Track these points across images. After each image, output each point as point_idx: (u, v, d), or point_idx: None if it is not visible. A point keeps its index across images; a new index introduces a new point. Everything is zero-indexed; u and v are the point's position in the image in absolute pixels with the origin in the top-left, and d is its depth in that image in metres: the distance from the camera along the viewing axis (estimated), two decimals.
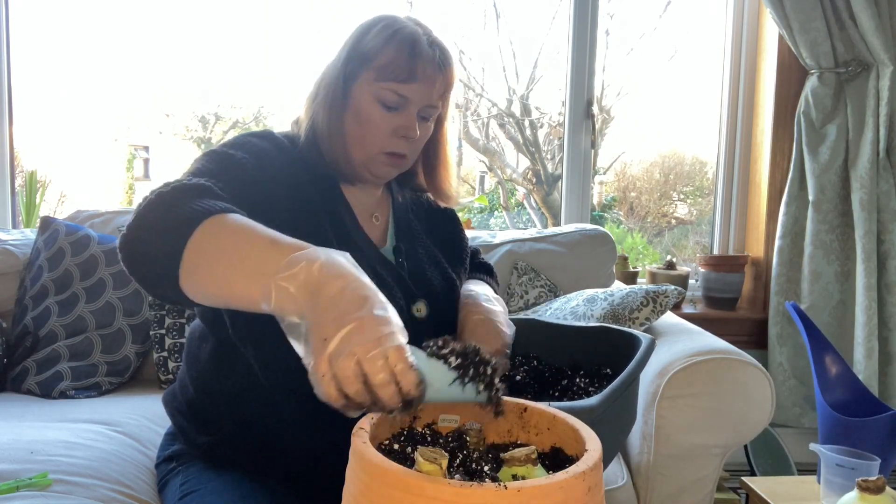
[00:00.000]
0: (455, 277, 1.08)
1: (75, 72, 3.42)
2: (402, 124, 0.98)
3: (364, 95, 0.97)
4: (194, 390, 1.01)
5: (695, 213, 3.88)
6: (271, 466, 0.95)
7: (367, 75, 0.97)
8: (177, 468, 1.02)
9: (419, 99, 0.98)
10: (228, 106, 3.91)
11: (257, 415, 0.94)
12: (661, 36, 3.22)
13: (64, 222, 1.82)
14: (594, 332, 1.04)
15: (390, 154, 1.00)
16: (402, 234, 1.09)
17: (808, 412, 2.11)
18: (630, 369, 0.87)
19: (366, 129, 0.98)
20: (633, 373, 0.87)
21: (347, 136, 0.99)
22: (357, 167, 1.01)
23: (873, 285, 1.98)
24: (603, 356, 0.99)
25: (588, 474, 0.58)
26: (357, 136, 0.98)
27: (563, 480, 0.56)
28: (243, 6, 3.63)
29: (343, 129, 0.99)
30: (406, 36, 0.96)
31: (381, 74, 0.96)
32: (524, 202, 3.70)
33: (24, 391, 1.61)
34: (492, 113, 3.54)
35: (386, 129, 0.98)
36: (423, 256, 1.08)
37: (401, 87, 0.96)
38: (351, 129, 0.98)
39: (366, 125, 0.98)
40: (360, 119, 0.98)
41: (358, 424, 0.64)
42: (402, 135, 0.99)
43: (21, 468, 1.04)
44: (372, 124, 0.97)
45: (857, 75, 2.04)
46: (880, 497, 0.94)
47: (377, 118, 0.97)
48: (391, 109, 0.97)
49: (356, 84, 0.98)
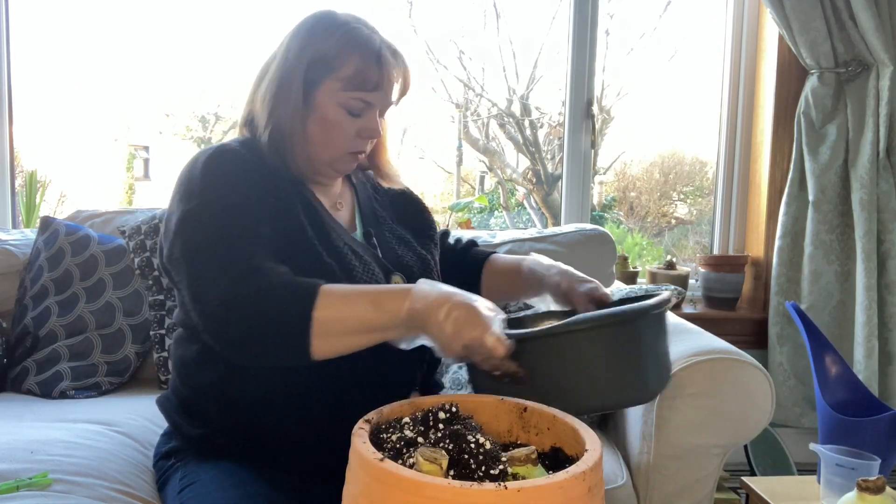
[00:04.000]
0: (426, 254, 1.14)
1: (75, 72, 3.42)
2: (366, 126, 1.03)
3: (329, 103, 1.00)
4: (185, 389, 1.03)
5: (695, 213, 3.88)
6: (263, 454, 0.97)
7: (330, 84, 1.00)
8: (175, 464, 1.03)
9: (381, 103, 1.03)
10: (228, 106, 3.91)
11: (245, 405, 0.96)
12: (661, 36, 3.22)
13: (64, 222, 1.82)
14: None
15: (353, 153, 1.04)
16: (369, 220, 1.13)
17: (808, 412, 2.11)
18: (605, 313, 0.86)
19: (331, 135, 1.01)
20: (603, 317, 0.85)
21: (310, 141, 1.02)
22: (320, 167, 1.04)
23: (873, 285, 1.98)
24: None
25: (588, 474, 0.58)
26: (321, 140, 1.02)
27: (563, 480, 0.56)
28: (243, 6, 3.63)
29: (306, 133, 1.01)
30: (371, 47, 1.00)
31: (349, 84, 0.99)
32: (524, 202, 3.70)
33: (24, 391, 1.61)
34: (492, 113, 3.54)
35: (351, 133, 1.02)
36: (392, 239, 1.13)
37: (367, 96, 1.00)
38: (314, 134, 1.01)
39: (332, 131, 1.01)
40: (325, 125, 1.01)
41: (358, 424, 0.64)
42: (367, 136, 1.04)
43: (21, 468, 1.04)
44: (338, 130, 1.01)
45: (857, 75, 2.04)
46: (880, 497, 0.94)
47: (343, 123, 1.01)
48: (355, 115, 1.01)
49: (319, 90, 1.00)
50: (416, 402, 0.75)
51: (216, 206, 0.92)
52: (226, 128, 4.00)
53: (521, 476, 0.61)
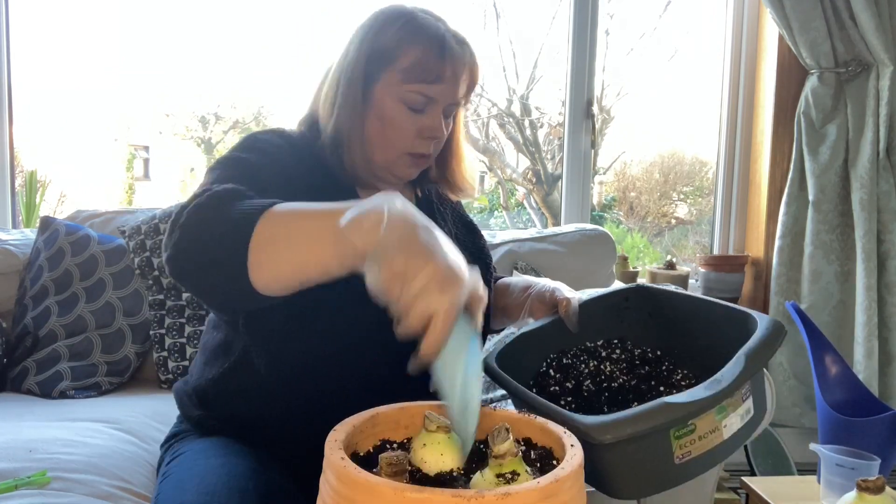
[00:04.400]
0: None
1: (75, 72, 3.42)
2: (427, 125, 0.95)
3: (387, 98, 0.94)
4: (197, 373, 1.03)
5: (695, 213, 3.88)
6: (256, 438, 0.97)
7: (389, 77, 0.94)
8: (173, 444, 1.04)
9: (445, 98, 0.95)
10: (228, 106, 3.91)
11: (245, 398, 0.96)
12: (661, 36, 3.22)
13: (64, 222, 1.82)
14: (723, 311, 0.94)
15: (414, 155, 0.97)
16: None
17: (808, 412, 2.11)
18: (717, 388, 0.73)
19: (389, 132, 0.95)
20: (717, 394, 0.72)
21: (369, 139, 0.96)
22: (377, 170, 0.98)
23: (873, 285, 1.98)
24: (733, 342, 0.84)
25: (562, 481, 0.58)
26: (379, 138, 0.96)
27: (547, 485, 0.57)
28: (243, 6, 3.63)
29: (363, 132, 0.96)
30: (433, 35, 0.93)
31: (408, 76, 0.93)
32: (524, 202, 3.70)
33: (24, 391, 1.61)
34: (492, 113, 3.54)
35: (411, 131, 0.95)
36: None
37: (428, 89, 0.93)
38: (373, 132, 0.96)
39: (390, 128, 0.95)
40: (383, 122, 0.95)
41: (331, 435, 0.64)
42: (428, 136, 0.96)
43: (20, 466, 1.04)
44: (396, 127, 0.94)
45: (857, 75, 2.04)
46: (880, 497, 0.94)
47: (402, 120, 0.94)
48: (416, 112, 0.95)
49: (378, 85, 0.95)
50: (405, 407, 0.75)
51: (235, 157, 0.89)
52: (226, 128, 4.00)
53: (508, 472, 0.60)
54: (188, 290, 0.77)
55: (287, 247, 0.71)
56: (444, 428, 0.66)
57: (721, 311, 0.94)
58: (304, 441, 0.92)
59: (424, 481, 0.63)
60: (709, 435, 0.76)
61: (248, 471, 0.87)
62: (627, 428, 0.70)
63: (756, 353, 0.78)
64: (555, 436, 0.68)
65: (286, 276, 0.72)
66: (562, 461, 0.61)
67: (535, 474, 0.62)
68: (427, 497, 0.53)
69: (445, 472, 0.64)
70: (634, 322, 1.02)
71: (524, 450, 0.69)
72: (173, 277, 0.77)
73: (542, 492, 0.55)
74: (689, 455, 0.75)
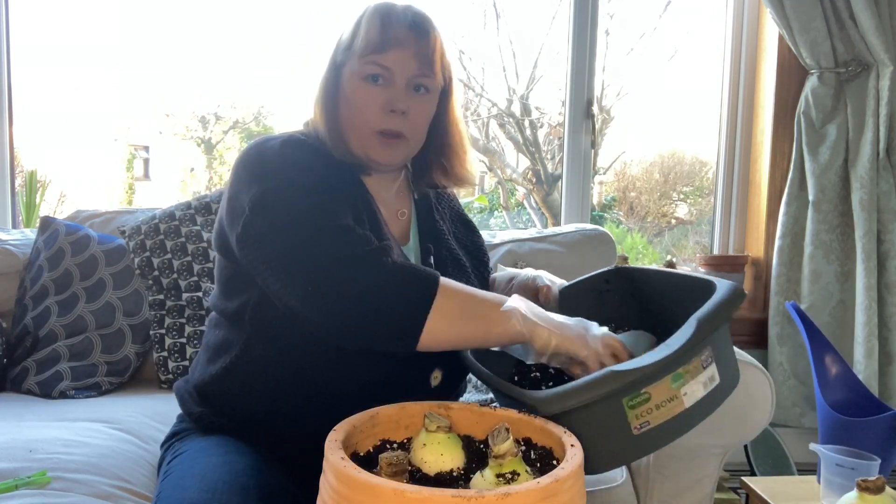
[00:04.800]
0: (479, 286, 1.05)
1: (75, 71, 3.42)
2: (388, 98, 0.96)
3: (351, 78, 0.98)
4: (200, 370, 1.04)
5: (695, 213, 3.88)
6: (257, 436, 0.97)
7: (351, 60, 0.98)
8: (174, 443, 1.04)
9: (402, 68, 0.97)
10: (228, 106, 3.90)
11: (248, 397, 0.97)
12: (661, 36, 3.22)
13: (64, 222, 1.82)
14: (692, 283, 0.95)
15: (384, 133, 0.98)
16: (427, 236, 1.08)
17: (808, 412, 2.11)
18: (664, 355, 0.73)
19: (355, 110, 0.98)
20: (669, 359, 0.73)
21: (342, 124, 0.99)
22: (357, 156, 1.00)
23: (873, 285, 1.98)
24: None
25: (563, 481, 0.58)
26: (349, 119, 0.99)
27: (546, 485, 0.56)
28: (243, 6, 3.63)
29: (338, 117, 0.99)
30: (377, 8, 0.97)
31: (361, 51, 0.96)
32: (524, 202, 3.70)
33: (24, 391, 1.61)
34: (492, 113, 3.54)
35: (374, 106, 0.97)
36: (448, 259, 1.07)
37: (379, 58, 0.96)
38: (344, 115, 0.99)
39: (354, 105, 0.98)
40: (349, 101, 0.98)
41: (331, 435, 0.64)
42: (391, 108, 0.97)
43: (20, 467, 1.04)
44: (360, 103, 0.97)
45: (857, 75, 2.04)
46: (880, 497, 0.94)
47: (365, 95, 0.97)
48: (377, 83, 0.97)
49: (343, 70, 0.99)
50: (405, 407, 0.75)
51: (299, 186, 0.90)
52: (226, 128, 4.00)
53: (508, 472, 0.60)
54: (344, 341, 0.85)
55: (469, 324, 0.84)
56: (444, 428, 0.66)
57: (688, 282, 0.95)
58: (305, 439, 0.92)
59: (424, 481, 0.63)
60: (667, 403, 0.74)
61: (250, 469, 0.88)
62: (573, 398, 0.69)
63: (708, 317, 0.77)
64: (555, 436, 0.68)
65: (457, 345, 0.85)
66: (562, 461, 0.61)
67: (535, 474, 0.62)
68: (427, 497, 0.53)
69: (445, 472, 0.64)
70: (616, 304, 1.04)
71: (524, 450, 0.69)
72: (332, 335, 0.84)
73: (542, 492, 0.55)
74: (648, 425, 0.74)
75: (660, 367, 0.72)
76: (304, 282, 0.81)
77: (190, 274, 1.72)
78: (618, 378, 0.70)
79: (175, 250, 1.73)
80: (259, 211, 0.88)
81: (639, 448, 0.76)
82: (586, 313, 0.99)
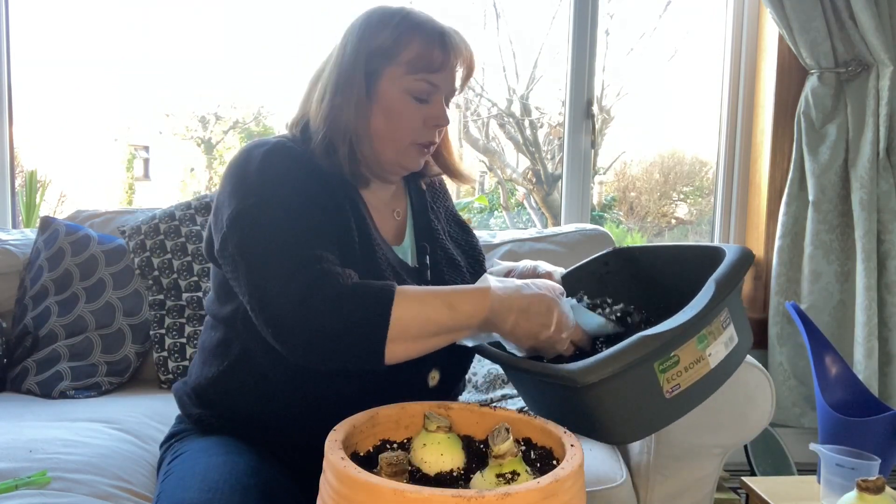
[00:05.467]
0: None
1: (75, 71, 3.42)
2: (433, 114, 0.99)
3: (393, 90, 0.97)
4: (197, 373, 1.03)
5: (695, 213, 3.88)
6: (256, 437, 0.97)
7: (393, 70, 0.97)
8: (173, 444, 1.04)
9: (446, 86, 0.99)
10: (228, 106, 3.91)
11: (244, 398, 0.97)
12: (661, 36, 3.22)
13: (64, 222, 1.82)
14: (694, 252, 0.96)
15: (421, 144, 1.00)
16: (423, 234, 1.08)
17: (808, 412, 2.11)
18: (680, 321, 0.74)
19: (397, 124, 0.98)
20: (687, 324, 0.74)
21: (375, 136, 0.98)
22: (386, 164, 1.01)
23: (873, 285, 1.98)
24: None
25: (563, 481, 0.58)
26: (386, 132, 0.98)
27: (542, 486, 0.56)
28: (243, 6, 3.63)
29: (370, 129, 0.98)
30: (432, 27, 0.98)
31: (412, 67, 0.96)
32: (524, 202, 3.70)
33: (24, 391, 1.61)
34: (492, 113, 3.54)
35: (418, 121, 0.98)
36: (443, 259, 1.07)
37: (433, 77, 0.97)
38: (379, 128, 0.98)
39: (397, 120, 0.98)
40: (390, 114, 0.97)
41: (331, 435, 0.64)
42: (434, 124, 1.00)
43: (20, 467, 1.04)
44: (404, 118, 0.98)
45: (857, 75, 2.04)
46: (880, 497, 0.94)
47: (409, 111, 0.98)
48: (421, 101, 0.98)
49: (381, 80, 0.97)
50: (405, 407, 0.75)
51: (276, 206, 0.89)
52: (226, 128, 4.00)
53: (508, 472, 0.60)
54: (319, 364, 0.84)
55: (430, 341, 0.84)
56: (443, 428, 0.66)
57: (693, 251, 0.97)
58: (304, 440, 0.92)
59: (424, 481, 0.63)
60: (694, 365, 0.76)
61: (250, 468, 0.88)
62: (609, 366, 0.70)
63: (725, 278, 0.79)
64: (555, 436, 0.68)
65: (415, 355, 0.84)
66: (562, 461, 0.61)
67: (535, 474, 0.62)
68: (427, 497, 0.53)
69: (445, 472, 0.64)
70: (618, 285, 1.04)
71: (524, 450, 0.69)
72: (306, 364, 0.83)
73: (542, 492, 0.55)
74: (679, 388, 0.75)
75: (687, 328, 0.73)
76: (270, 316, 0.82)
77: (190, 274, 1.72)
78: (650, 342, 0.71)
79: (175, 250, 1.73)
80: (234, 230, 0.88)
81: (672, 411, 0.77)
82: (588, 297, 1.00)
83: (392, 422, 0.74)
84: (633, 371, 0.71)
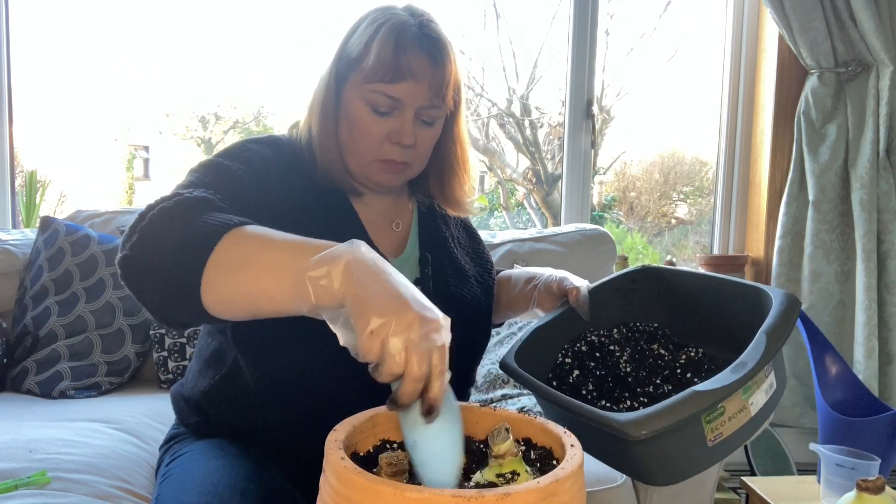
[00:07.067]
0: (481, 295, 1.03)
1: (75, 72, 3.42)
2: (394, 130, 0.90)
3: (353, 99, 0.90)
4: (192, 381, 1.02)
5: (695, 213, 3.88)
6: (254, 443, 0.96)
7: (355, 77, 0.90)
8: (172, 446, 1.03)
9: (412, 100, 0.89)
10: (228, 106, 3.91)
11: (240, 404, 0.95)
12: (661, 36, 3.22)
13: (64, 222, 1.82)
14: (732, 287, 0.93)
15: (385, 161, 0.92)
16: (428, 243, 1.02)
17: (808, 412, 2.11)
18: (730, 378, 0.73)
19: (357, 136, 0.91)
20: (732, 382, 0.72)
21: (341, 144, 0.93)
22: (353, 176, 0.95)
23: (873, 285, 1.98)
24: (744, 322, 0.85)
25: (564, 481, 0.58)
26: (350, 143, 0.92)
27: (542, 486, 0.56)
28: (243, 6, 3.63)
29: (336, 136, 0.93)
30: (391, 29, 0.88)
31: (368, 75, 0.88)
32: (524, 202, 3.70)
33: (24, 391, 1.61)
34: (492, 113, 3.54)
35: (378, 135, 0.90)
36: (449, 268, 1.02)
37: (388, 88, 0.88)
38: (343, 136, 0.92)
39: (357, 131, 0.91)
40: (351, 125, 0.91)
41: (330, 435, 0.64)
42: (395, 141, 0.91)
43: (20, 467, 1.04)
44: (363, 130, 0.90)
45: (857, 75, 2.04)
46: (880, 497, 0.94)
47: (368, 123, 0.90)
48: (383, 114, 0.90)
49: (346, 87, 0.91)
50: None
51: (218, 164, 0.85)
52: (226, 128, 4.00)
53: (508, 472, 0.60)
54: (136, 296, 0.72)
55: (244, 274, 0.66)
56: None
57: (732, 287, 0.94)
58: (299, 448, 0.91)
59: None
60: (737, 414, 0.76)
61: (249, 471, 0.87)
62: (662, 421, 0.70)
63: (776, 331, 0.78)
64: (555, 436, 0.68)
65: (237, 304, 0.68)
66: (562, 461, 0.61)
67: (535, 474, 0.62)
68: (427, 497, 0.53)
69: None
70: (643, 303, 1.03)
71: (524, 450, 0.69)
72: (123, 281, 0.72)
73: (542, 492, 0.55)
74: (721, 436, 0.76)
75: (738, 384, 0.73)
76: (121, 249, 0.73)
77: None
78: (703, 398, 0.71)
79: None
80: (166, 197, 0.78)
81: (710, 458, 0.77)
82: (612, 313, 1.00)
83: (392, 422, 0.74)
84: (682, 425, 0.72)
